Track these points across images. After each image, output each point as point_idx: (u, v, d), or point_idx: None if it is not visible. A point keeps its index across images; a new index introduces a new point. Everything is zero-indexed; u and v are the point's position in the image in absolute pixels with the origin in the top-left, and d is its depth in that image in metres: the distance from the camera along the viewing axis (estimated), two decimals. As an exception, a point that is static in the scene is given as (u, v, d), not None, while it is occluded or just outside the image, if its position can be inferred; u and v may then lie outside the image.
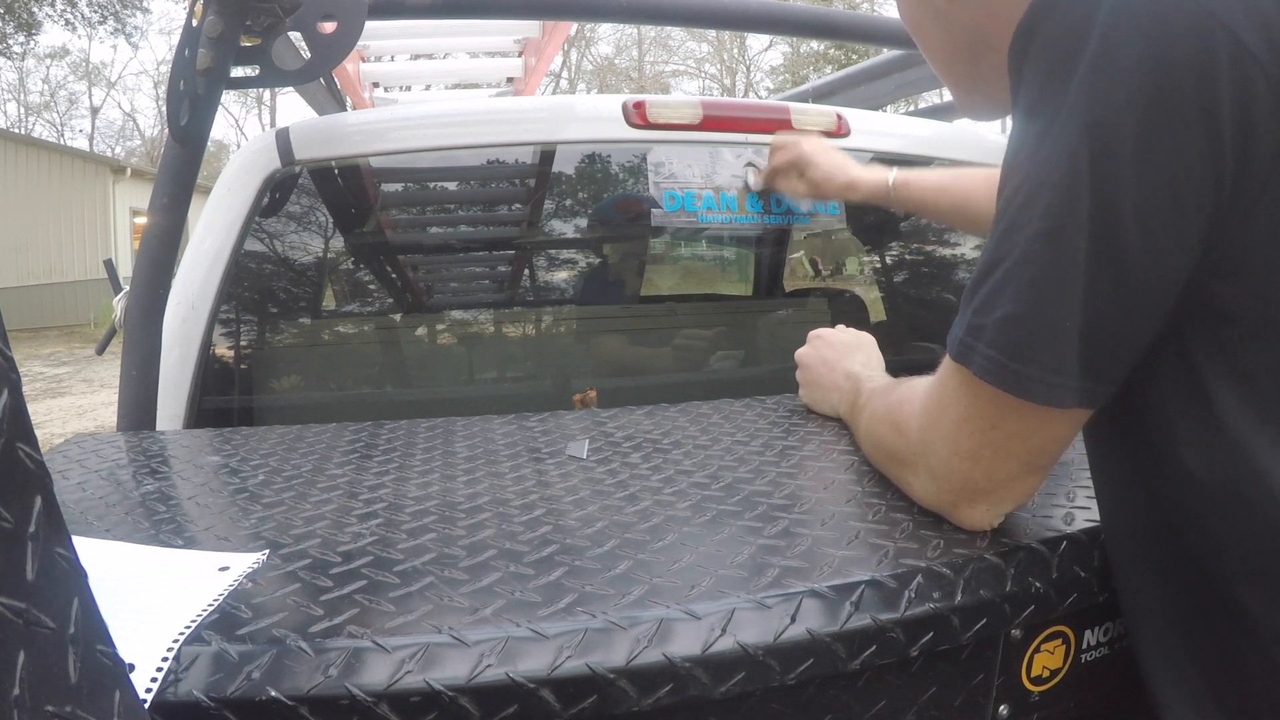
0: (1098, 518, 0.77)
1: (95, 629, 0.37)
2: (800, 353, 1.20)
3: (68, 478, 0.95)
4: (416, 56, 3.77)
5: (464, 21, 2.71)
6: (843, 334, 1.19)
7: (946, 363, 0.70)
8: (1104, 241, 0.58)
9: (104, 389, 9.23)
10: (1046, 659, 0.73)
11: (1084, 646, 0.75)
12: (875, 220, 1.73)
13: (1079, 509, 0.79)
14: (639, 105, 1.49)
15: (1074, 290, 0.59)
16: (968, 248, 1.74)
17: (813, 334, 1.21)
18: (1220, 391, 0.61)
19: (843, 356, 1.13)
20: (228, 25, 1.20)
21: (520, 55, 3.20)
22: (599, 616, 0.59)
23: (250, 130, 29.91)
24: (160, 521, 0.80)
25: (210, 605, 0.60)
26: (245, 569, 0.67)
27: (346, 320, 1.55)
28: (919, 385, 0.79)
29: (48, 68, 30.15)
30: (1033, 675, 0.72)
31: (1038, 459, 0.69)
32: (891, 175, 1.37)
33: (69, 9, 19.64)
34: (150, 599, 0.62)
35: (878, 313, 1.76)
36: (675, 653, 0.57)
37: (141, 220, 3.29)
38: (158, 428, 1.28)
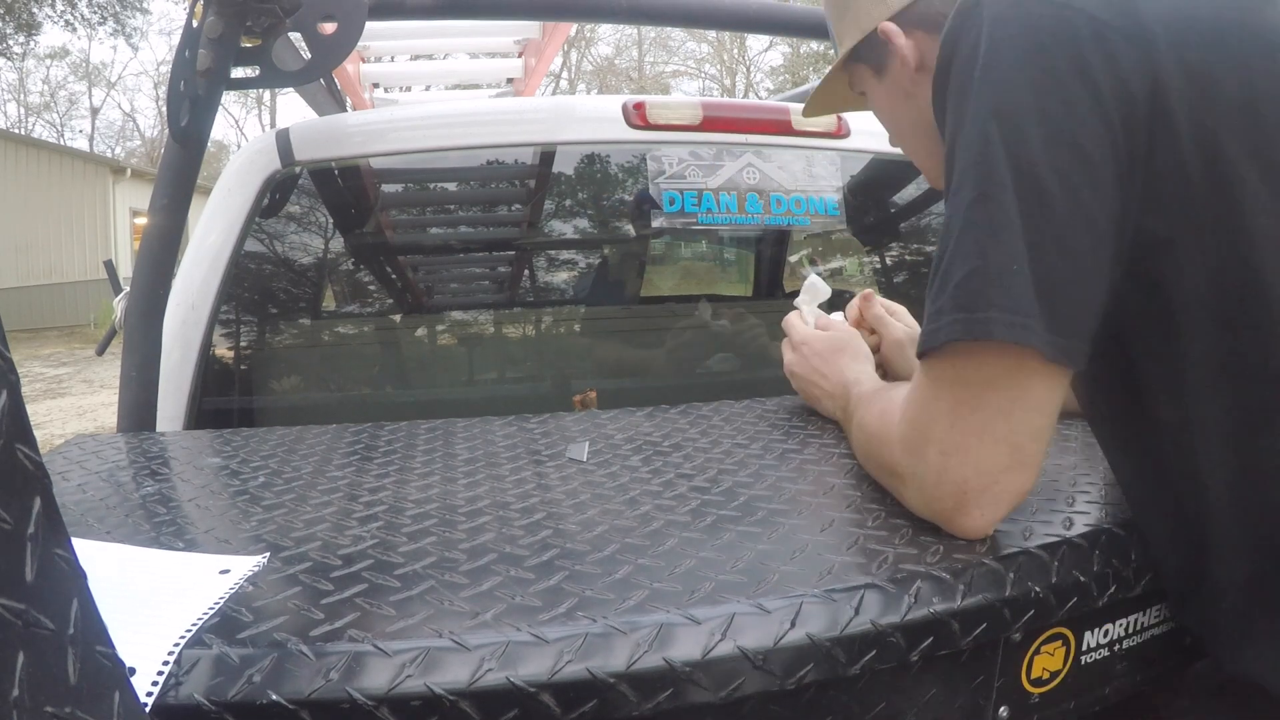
0: (1096, 522, 0.77)
1: (95, 630, 0.37)
2: (787, 363, 1.18)
3: (67, 479, 0.95)
4: (416, 57, 3.77)
5: (464, 22, 2.71)
6: (825, 338, 1.15)
7: (919, 367, 0.73)
8: (1029, 191, 0.66)
9: (104, 390, 9.22)
10: (1046, 660, 0.73)
11: (1084, 648, 0.75)
12: (875, 220, 1.73)
13: (1078, 514, 0.79)
14: (639, 106, 1.49)
15: (1013, 235, 0.66)
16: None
17: (796, 341, 1.17)
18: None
19: (828, 362, 1.13)
20: (228, 26, 1.20)
21: (520, 56, 3.20)
22: (599, 621, 0.59)
23: (250, 130, 29.90)
24: (160, 524, 0.80)
25: (211, 608, 0.60)
26: (246, 572, 0.67)
27: (346, 321, 1.55)
28: (899, 394, 0.80)
29: (48, 68, 30.15)
30: (1032, 677, 0.72)
31: (1023, 441, 0.69)
32: None
33: (69, 10, 19.62)
34: (151, 602, 0.62)
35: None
36: (675, 657, 0.57)
37: (141, 220, 3.28)
38: (158, 429, 1.28)
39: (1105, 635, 0.76)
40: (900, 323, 1.21)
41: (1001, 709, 0.71)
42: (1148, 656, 0.80)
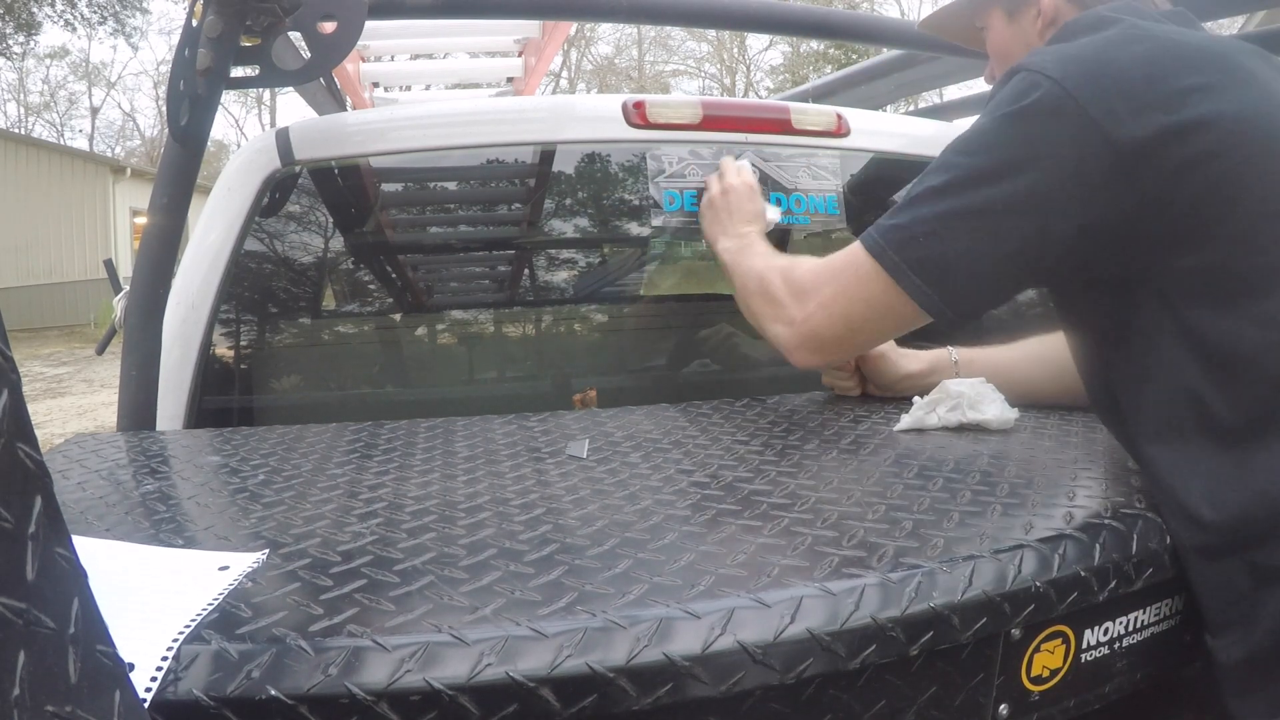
0: (1096, 516, 0.77)
1: (95, 629, 0.37)
2: (710, 195, 1.38)
3: (68, 478, 0.95)
4: (416, 56, 3.77)
5: (464, 21, 2.71)
6: (742, 195, 1.35)
7: (855, 243, 0.98)
8: (982, 198, 0.87)
9: (104, 389, 9.22)
10: (1046, 658, 0.73)
11: (1084, 646, 0.75)
12: (875, 219, 1.72)
13: (1078, 508, 0.79)
14: (639, 105, 1.49)
15: (950, 216, 0.89)
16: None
17: (727, 183, 1.36)
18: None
19: (738, 210, 1.33)
20: (228, 25, 1.20)
21: (520, 55, 3.20)
22: (599, 615, 0.59)
23: (250, 130, 29.85)
24: (160, 521, 0.80)
25: (210, 604, 0.60)
26: (245, 568, 0.67)
27: (346, 320, 1.55)
28: (779, 257, 1.16)
29: (48, 68, 30.09)
30: (1033, 675, 0.72)
31: (864, 326, 0.99)
32: (953, 354, 1.30)
33: (69, 9, 19.61)
34: (150, 598, 0.62)
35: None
36: (675, 651, 0.57)
37: (141, 220, 3.28)
38: (158, 428, 1.28)
39: (1105, 633, 0.76)
40: None
41: (1001, 707, 0.71)
42: (1148, 654, 0.80)
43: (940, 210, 0.89)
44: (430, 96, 3.88)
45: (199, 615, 0.59)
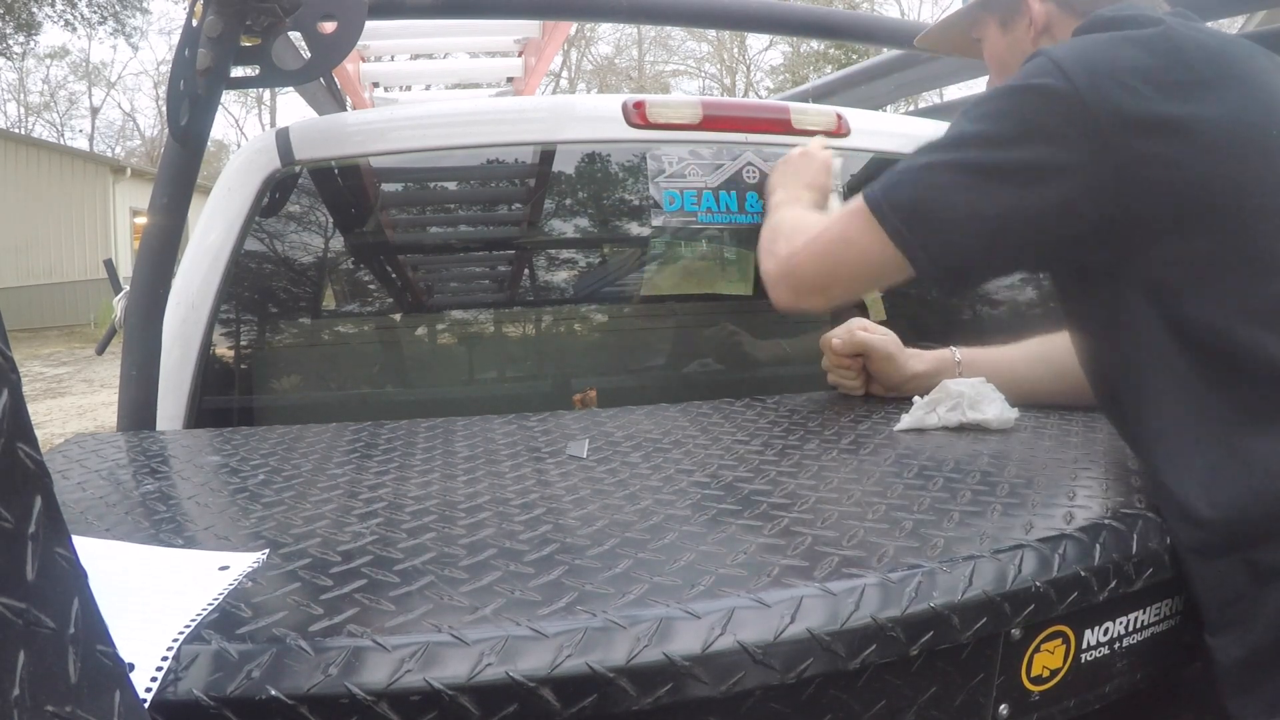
0: (1096, 516, 0.77)
1: (95, 629, 0.37)
2: (789, 155, 1.42)
3: (68, 477, 0.95)
4: (416, 56, 3.77)
5: (464, 21, 2.71)
6: (818, 165, 1.38)
7: (856, 199, 0.98)
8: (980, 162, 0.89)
9: (104, 389, 9.22)
10: (1046, 659, 0.73)
11: (1084, 646, 0.75)
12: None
13: (1079, 508, 0.79)
14: (639, 105, 1.49)
15: (945, 173, 0.90)
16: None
17: (810, 151, 1.40)
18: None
19: (807, 172, 1.37)
20: (228, 25, 1.20)
21: (520, 55, 3.20)
22: (599, 615, 0.59)
23: (250, 130, 29.83)
24: (160, 521, 0.80)
25: (210, 604, 0.60)
26: (245, 568, 0.67)
27: (346, 320, 1.55)
28: (816, 215, 1.18)
29: (48, 68, 30.07)
30: (1033, 675, 0.72)
31: (842, 269, 1.01)
32: (956, 354, 1.31)
33: (69, 9, 19.61)
34: (150, 598, 0.62)
35: (878, 312, 1.76)
36: (675, 651, 0.57)
37: (141, 220, 3.28)
38: (158, 428, 1.28)
39: (1105, 633, 0.76)
40: (880, 335, 1.32)
41: (1001, 707, 0.71)
42: (1148, 655, 0.80)
43: (930, 161, 0.92)
44: (430, 96, 3.88)
45: (199, 615, 0.59)
